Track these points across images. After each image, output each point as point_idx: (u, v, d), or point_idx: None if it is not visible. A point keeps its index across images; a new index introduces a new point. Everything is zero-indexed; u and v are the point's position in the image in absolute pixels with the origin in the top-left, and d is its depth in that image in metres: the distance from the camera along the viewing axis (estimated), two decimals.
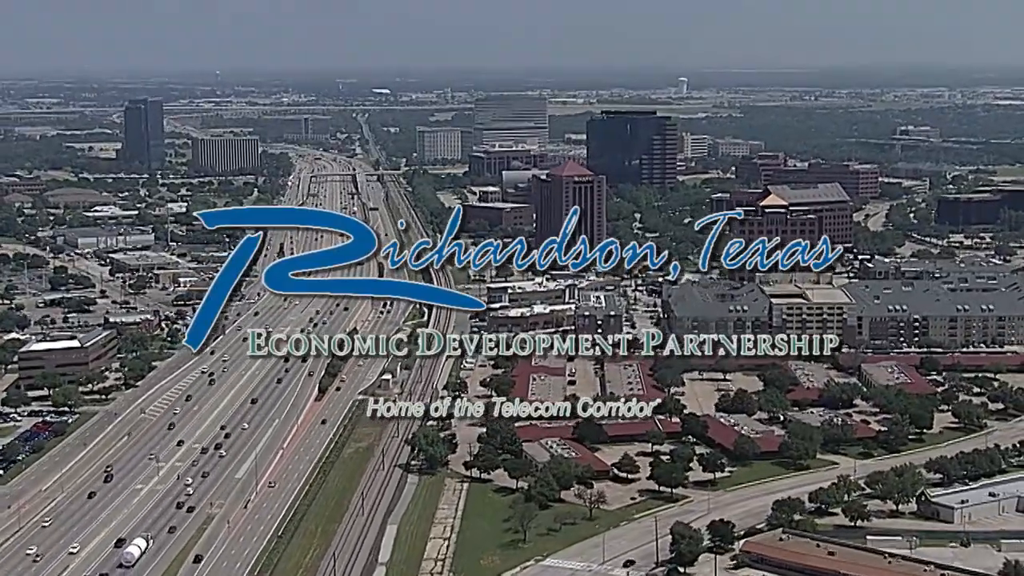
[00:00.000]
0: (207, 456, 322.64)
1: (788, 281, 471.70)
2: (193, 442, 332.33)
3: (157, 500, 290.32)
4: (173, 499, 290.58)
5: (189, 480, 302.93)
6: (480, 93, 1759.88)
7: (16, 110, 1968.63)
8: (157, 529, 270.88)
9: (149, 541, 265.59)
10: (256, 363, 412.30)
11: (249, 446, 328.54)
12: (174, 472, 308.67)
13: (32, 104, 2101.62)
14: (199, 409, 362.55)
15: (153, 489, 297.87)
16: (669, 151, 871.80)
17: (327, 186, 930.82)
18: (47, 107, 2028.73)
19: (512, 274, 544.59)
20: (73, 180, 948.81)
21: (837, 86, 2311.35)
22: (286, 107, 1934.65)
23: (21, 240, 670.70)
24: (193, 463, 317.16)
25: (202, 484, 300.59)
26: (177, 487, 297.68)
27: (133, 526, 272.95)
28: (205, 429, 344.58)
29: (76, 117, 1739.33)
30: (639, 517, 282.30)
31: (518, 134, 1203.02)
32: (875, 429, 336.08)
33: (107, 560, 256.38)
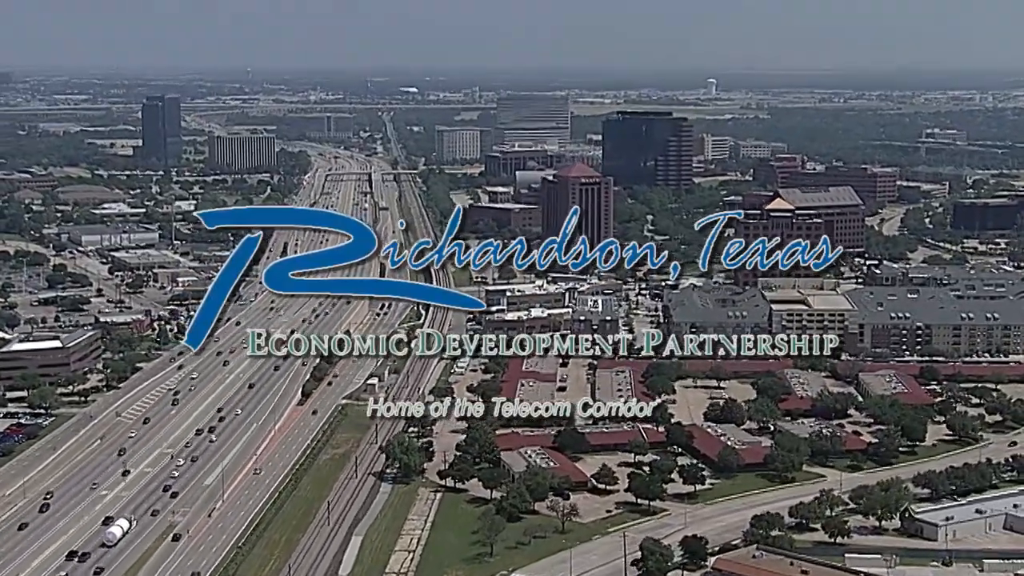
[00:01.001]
0: (178, 462, 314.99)
1: (791, 286, 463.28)
2: (166, 447, 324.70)
3: (120, 507, 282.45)
4: (137, 505, 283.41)
5: (153, 486, 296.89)
6: (505, 92, 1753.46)
7: (43, 106, 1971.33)
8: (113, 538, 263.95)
9: (132, 522, 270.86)
10: (242, 365, 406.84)
11: (223, 452, 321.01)
12: (142, 478, 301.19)
13: (60, 100, 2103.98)
14: (177, 413, 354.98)
15: (119, 495, 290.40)
16: (685, 152, 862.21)
17: (342, 185, 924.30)
18: (74, 103, 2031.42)
19: (515, 276, 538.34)
20: (87, 177, 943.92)
21: (868, 88, 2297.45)
22: (312, 105, 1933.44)
23: (26, 237, 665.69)
24: (162, 469, 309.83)
25: (167, 492, 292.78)
26: (142, 495, 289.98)
27: (86, 539, 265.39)
28: (180, 434, 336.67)
29: (102, 114, 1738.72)
30: (614, 531, 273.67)
31: (539, 134, 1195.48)
32: (866, 441, 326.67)
33: (88, 542, 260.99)
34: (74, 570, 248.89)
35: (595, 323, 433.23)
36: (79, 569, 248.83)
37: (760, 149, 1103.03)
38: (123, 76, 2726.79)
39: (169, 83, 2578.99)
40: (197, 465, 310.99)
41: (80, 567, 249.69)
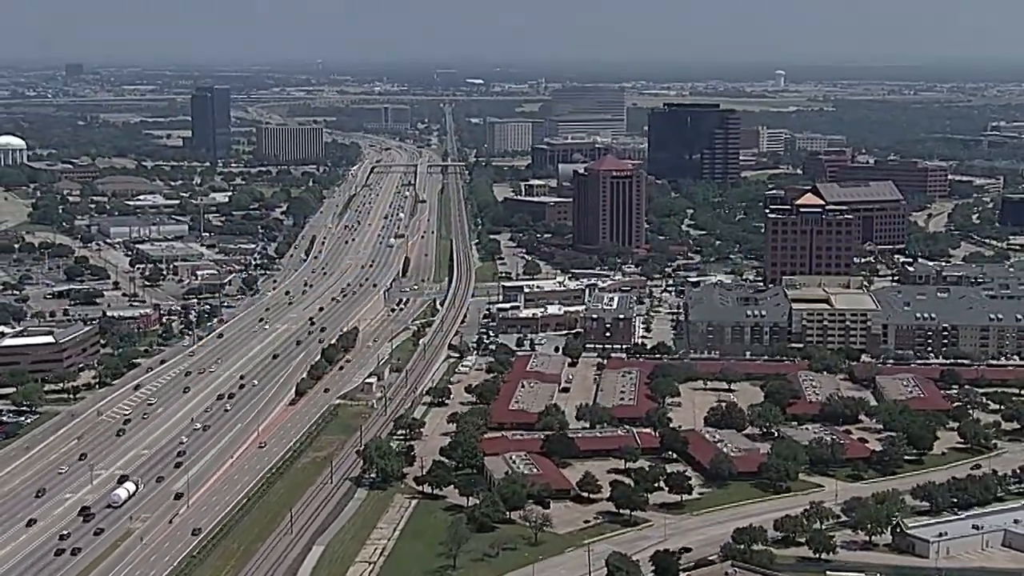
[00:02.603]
0: (156, 461, 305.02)
1: (817, 284, 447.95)
2: (143, 448, 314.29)
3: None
4: (105, 506, 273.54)
5: (124, 492, 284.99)
6: (562, 84, 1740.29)
7: (110, 97, 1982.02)
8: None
9: (138, 484, 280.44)
10: (241, 362, 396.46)
11: (200, 453, 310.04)
12: (112, 480, 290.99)
13: (128, 91, 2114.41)
14: (163, 412, 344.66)
15: (83, 498, 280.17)
16: (732, 145, 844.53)
17: (386, 177, 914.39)
18: (140, 94, 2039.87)
19: (540, 272, 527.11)
20: (130, 168, 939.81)
21: (941, 80, 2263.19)
22: (376, 96, 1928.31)
23: (56, 228, 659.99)
24: (139, 466, 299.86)
25: (135, 494, 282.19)
26: (105, 499, 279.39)
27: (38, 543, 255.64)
28: (161, 434, 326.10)
29: (165, 105, 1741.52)
30: (590, 542, 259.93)
31: (594, 126, 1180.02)
32: (870, 449, 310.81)
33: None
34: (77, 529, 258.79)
35: (608, 321, 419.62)
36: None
37: (815, 142, 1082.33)
38: (194, 68, 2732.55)
39: (238, 75, 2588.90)
40: (167, 471, 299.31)
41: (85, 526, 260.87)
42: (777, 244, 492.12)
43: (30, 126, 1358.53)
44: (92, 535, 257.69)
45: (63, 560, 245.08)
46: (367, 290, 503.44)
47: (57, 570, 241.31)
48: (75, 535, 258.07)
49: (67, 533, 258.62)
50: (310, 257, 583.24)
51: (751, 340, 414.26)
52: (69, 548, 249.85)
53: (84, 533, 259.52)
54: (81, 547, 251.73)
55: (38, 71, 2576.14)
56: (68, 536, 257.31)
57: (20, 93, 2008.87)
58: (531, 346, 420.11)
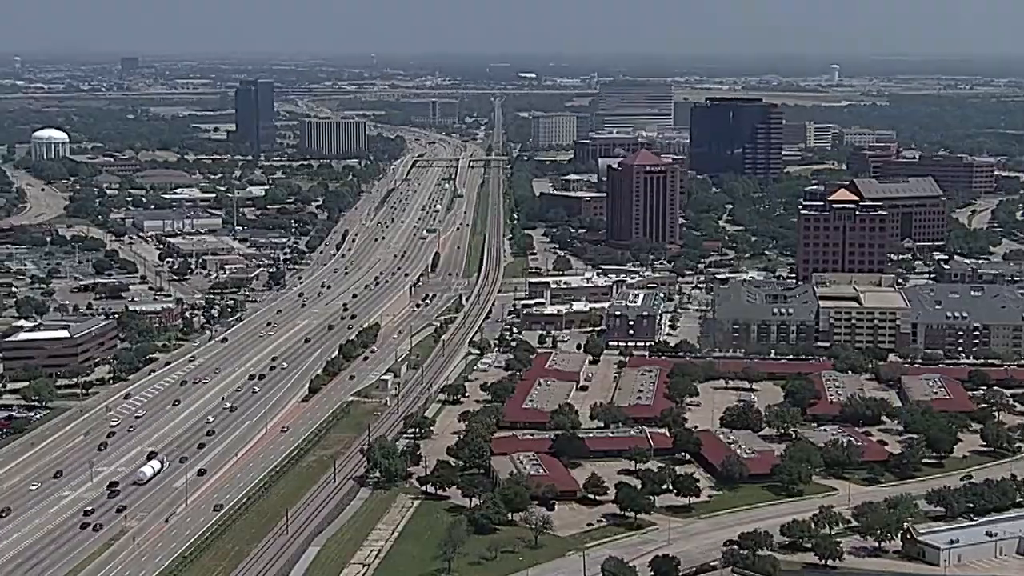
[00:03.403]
0: (162, 461, 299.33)
1: (848, 282, 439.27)
2: (148, 445, 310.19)
3: (72, 513, 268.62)
4: (100, 506, 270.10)
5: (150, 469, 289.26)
6: (609, 78, 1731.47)
7: (163, 90, 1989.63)
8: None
9: (164, 463, 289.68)
10: (257, 356, 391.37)
11: (206, 451, 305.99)
12: (112, 477, 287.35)
13: (181, 85, 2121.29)
14: (173, 408, 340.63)
15: (80, 496, 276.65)
16: (774, 140, 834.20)
17: (427, 171, 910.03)
18: (193, 88, 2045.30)
19: (570, 267, 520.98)
20: (172, 161, 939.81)
21: (1000, 75, 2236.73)
22: (427, 90, 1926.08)
23: (92, 221, 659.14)
24: (140, 465, 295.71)
25: (134, 492, 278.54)
26: (101, 498, 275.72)
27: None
28: (169, 430, 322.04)
29: (217, 98, 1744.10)
30: (591, 546, 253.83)
31: (640, 120, 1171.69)
32: (887, 452, 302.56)
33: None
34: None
35: (632, 319, 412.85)
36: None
37: (864, 137, 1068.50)
38: (249, 62, 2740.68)
39: (293, 68, 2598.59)
40: (172, 466, 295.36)
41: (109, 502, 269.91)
42: (809, 241, 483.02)
43: (80, 119, 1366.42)
44: (115, 511, 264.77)
45: (86, 534, 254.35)
46: (393, 285, 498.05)
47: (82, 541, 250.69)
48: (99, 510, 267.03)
49: (91, 509, 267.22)
50: (339, 252, 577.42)
51: (777, 339, 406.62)
52: (92, 523, 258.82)
53: (109, 508, 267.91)
54: (103, 523, 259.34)
55: (94, 64, 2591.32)
56: (92, 512, 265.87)
57: (74, 86, 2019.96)
58: (553, 343, 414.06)
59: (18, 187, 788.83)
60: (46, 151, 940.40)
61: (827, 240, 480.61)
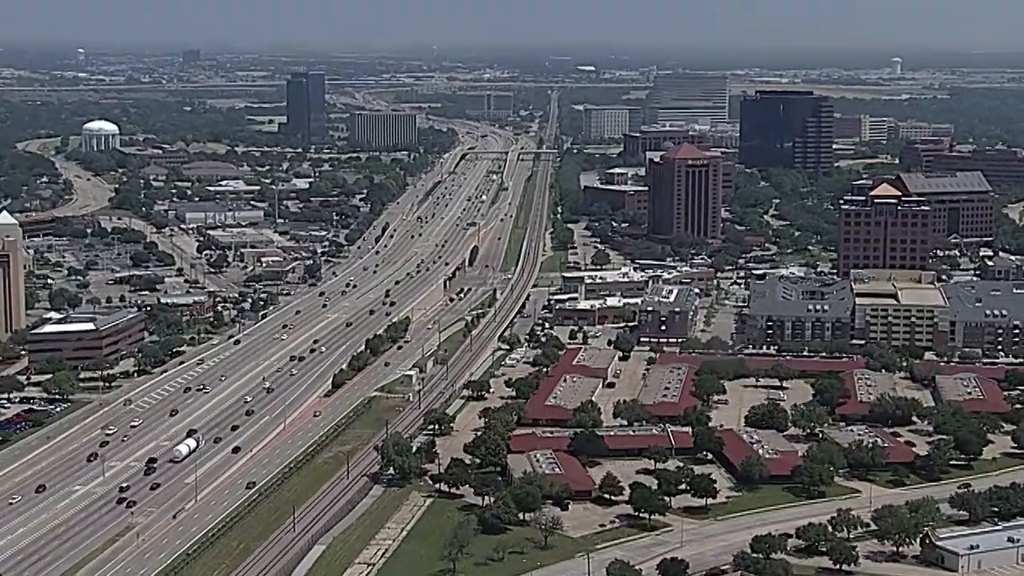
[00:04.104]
0: (198, 440, 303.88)
1: (887, 278, 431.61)
2: (164, 439, 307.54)
3: (88, 504, 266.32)
4: (110, 499, 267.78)
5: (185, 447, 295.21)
6: (681, 71, 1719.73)
7: (223, 83, 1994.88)
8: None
9: (199, 441, 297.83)
10: (281, 352, 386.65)
11: (221, 446, 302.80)
12: (123, 472, 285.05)
13: (240, 77, 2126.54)
14: (193, 402, 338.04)
15: (90, 491, 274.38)
16: (825, 133, 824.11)
17: (476, 164, 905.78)
18: (252, 80, 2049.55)
19: (609, 262, 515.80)
20: (220, 153, 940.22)
21: None
22: (485, 83, 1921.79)
23: (135, 213, 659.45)
24: (155, 458, 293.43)
25: (144, 487, 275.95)
26: (113, 492, 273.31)
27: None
28: (189, 424, 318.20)
29: (274, 91, 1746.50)
30: (602, 547, 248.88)
31: (694, 114, 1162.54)
32: (914, 453, 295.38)
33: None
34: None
35: (663, 314, 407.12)
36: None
37: (920, 131, 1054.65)
38: (309, 54, 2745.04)
39: (352, 60, 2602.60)
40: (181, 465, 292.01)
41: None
42: (850, 236, 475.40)
43: (136, 111, 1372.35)
44: (149, 489, 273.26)
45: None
46: (426, 280, 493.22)
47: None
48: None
49: (127, 485, 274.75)
50: (374, 249, 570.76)
51: (812, 336, 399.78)
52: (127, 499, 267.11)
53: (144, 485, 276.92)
54: (137, 500, 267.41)
55: (157, 56, 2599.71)
56: (128, 488, 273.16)
57: (135, 79, 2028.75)
58: (584, 339, 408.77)
59: (66, 179, 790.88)
60: (96, 143, 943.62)
61: (868, 236, 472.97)
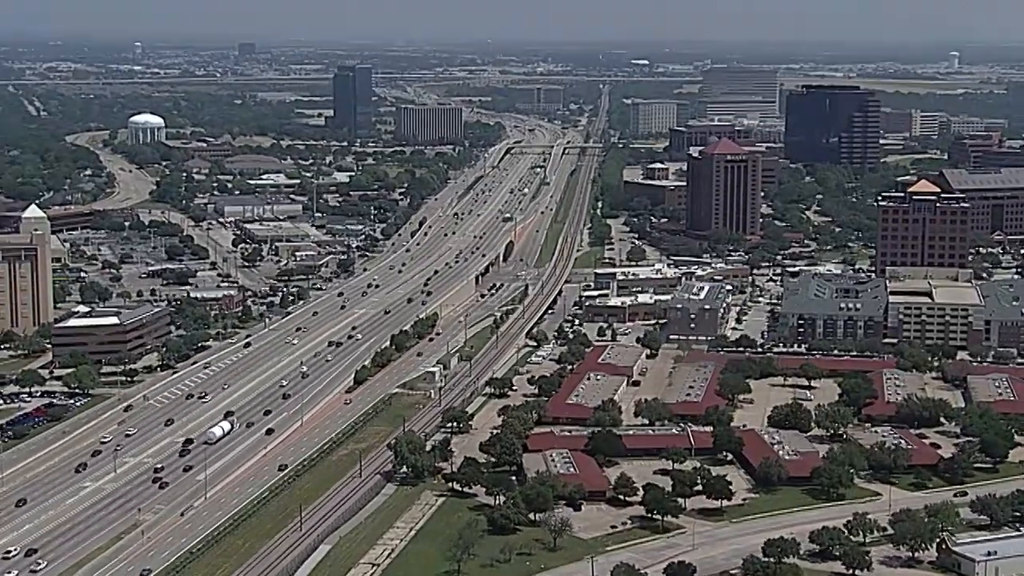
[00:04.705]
0: (232, 423, 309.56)
1: (923, 276, 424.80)
2: (180, 435, 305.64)
3: (95, 501, 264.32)
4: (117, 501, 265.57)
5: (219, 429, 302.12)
6: (736, 64, 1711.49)
7: (276, 76, 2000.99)
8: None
9: (233, 424, 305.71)
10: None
11: (232, 445, 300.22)
12: (139, 467, 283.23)
13: (294, 70, 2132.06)
14: (213, 397, 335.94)
15: (101, 488, 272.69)
16: (871, 128, 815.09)
17: (520, 158, 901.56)
18: (306, 73, 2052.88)
19: (644, 258, 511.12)
20: (265, 147, 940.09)
21: None
22: (537, 77, 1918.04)
23: (175, 206, 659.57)
24: (174, 454, 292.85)
25: (151, 487, 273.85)
26: (123, 488, 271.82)
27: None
28: (206, 419, 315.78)
29: (324, 84, 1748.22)
30: (612, 549, 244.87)
31: (743, 108, 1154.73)
32: (938, 455, 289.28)
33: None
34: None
35: (693, 312, 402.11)
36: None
37: (972, 125, 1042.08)
38: (365, 48, 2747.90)
39: (406, 54, 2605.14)
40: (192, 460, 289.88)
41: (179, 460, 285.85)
42: (888, 233, 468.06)
43: (187, 104, 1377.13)
44: (182, 471, 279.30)
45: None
46: (458, 275, 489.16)
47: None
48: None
49: (161, 466, 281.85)
50: (411, 242, 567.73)
51: (844, 334, 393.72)
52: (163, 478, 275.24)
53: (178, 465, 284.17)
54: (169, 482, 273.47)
55: (212, 50, 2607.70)
56: (163, 470, 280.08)
57: (190, 72, 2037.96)
58: (612, 336, 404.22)
59: (109, 172, 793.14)
60: (142, 136, 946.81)
61: (906, 233, 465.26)
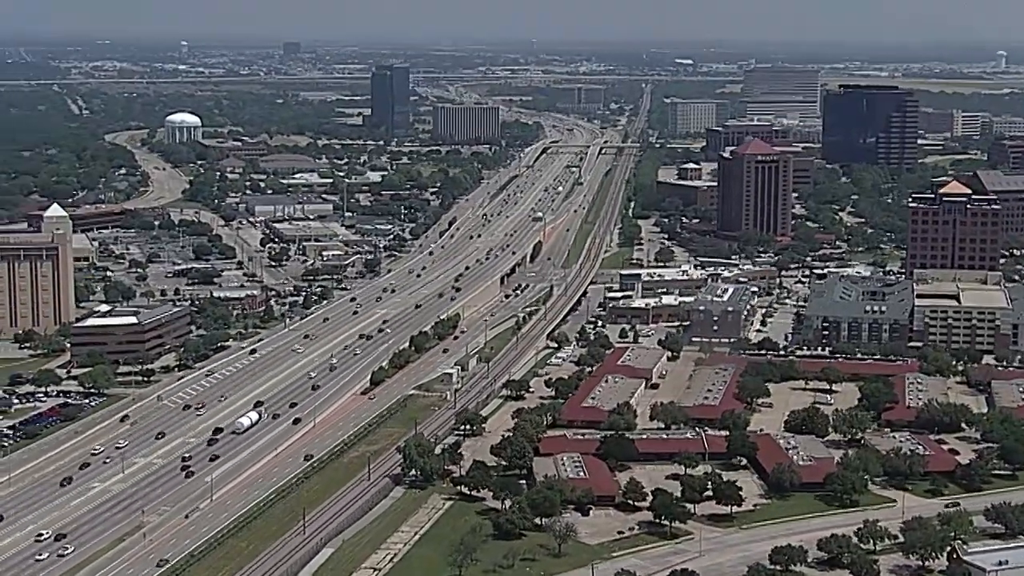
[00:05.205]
0: (260, 413, 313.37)
1: (952, 279, 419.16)
2: (191, 437, 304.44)
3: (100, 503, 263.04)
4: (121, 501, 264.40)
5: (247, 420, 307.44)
6: (781, 64, 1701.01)
7: (319, 75, 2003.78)
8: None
9: (261, 414, 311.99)
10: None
11: (243, 447, 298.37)
12: (144, 470, 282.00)
13: (338, 70, 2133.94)
14: (228, 397, 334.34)
15: (107, 488, 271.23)
16: (909, 129, 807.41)
17: (556, 158, 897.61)
18: (349, 73, 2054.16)
19: (672, 259, 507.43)
20: (301, 146, 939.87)
21: None
22: (580, 76, 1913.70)
23: (206, 205, 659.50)
24: (193, 448, 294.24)
25: (154, 490, 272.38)
26: (129, 490, 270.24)
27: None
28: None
29: (365, 83, 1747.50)
30: (619, 555, 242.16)
31: (784, 108, 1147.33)
32: (955, 462, 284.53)
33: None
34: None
35: (716, 314, 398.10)
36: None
37: (1015, 126, 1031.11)
38: (410, 47, 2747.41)
39: (450, 53, 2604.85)
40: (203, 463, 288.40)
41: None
42: (917, 235, 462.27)
43: (228, 103, 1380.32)
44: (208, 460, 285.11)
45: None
46: (484, 275, 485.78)
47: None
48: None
49: (190, 455, 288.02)
50: (436, 245, 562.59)
51: (869, 337, 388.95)
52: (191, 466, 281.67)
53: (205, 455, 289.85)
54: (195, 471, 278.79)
55: (257, 49, 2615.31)
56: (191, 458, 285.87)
57: (234, 71, 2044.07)
58: (634, 338, 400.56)
59: (143, 170, 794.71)
60: (178, 134, 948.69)
61: (936, 235, 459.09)
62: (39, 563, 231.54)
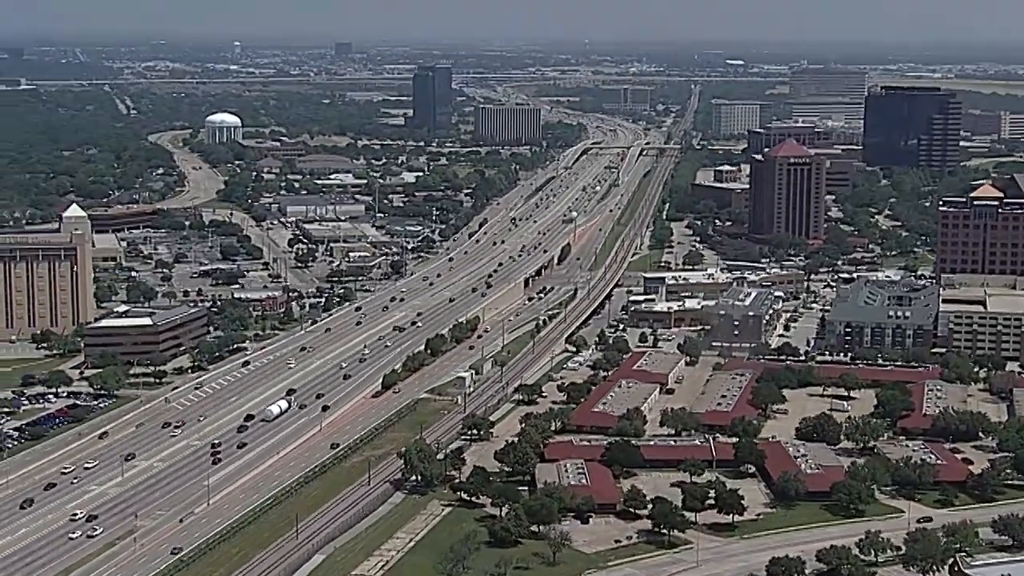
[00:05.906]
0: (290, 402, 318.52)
1: (980, 284, 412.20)
2: (195, 439, 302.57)
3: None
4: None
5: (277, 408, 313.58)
6: (833, 65, 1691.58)
7: (368, 75, 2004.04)
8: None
9: (291, 403, 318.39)
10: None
11: (248, 448, 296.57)
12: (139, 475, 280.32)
13: (388, 70, 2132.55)
14: (235, 399, 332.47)
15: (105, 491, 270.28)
16: (951, 131, 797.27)
17: (596, 159, 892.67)
18: (399, 73, 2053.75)
19: (700, 262, 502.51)
20: (340, 146, 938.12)
21: None
22: (629, 77, 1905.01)
23: (240, 206, 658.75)
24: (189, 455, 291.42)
25: (154, 491, 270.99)
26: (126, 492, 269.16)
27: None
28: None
29: (411, 84, 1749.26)
30: (614, 564, 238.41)
31: (829, 110, 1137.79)
32: (967, 471, 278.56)
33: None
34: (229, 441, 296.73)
35: (736, 318, 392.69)
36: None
37: None
38: (462, 47, 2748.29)
39: (500, 53, 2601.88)
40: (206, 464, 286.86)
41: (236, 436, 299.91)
42: (948, 239, 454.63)
43: (276, 103, 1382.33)
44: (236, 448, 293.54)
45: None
46: (509, 278, 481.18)
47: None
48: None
49: (219, 442, 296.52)
50: (464, 246, 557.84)
51: (892, 343, 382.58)
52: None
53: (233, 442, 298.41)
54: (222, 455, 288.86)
55: (308, 49, 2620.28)
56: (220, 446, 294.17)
57: (284, 71, 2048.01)
58: (654, 342, 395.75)
59: (180, 170, 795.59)
60: (217, 135, 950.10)
61: (967, 239, 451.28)
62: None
